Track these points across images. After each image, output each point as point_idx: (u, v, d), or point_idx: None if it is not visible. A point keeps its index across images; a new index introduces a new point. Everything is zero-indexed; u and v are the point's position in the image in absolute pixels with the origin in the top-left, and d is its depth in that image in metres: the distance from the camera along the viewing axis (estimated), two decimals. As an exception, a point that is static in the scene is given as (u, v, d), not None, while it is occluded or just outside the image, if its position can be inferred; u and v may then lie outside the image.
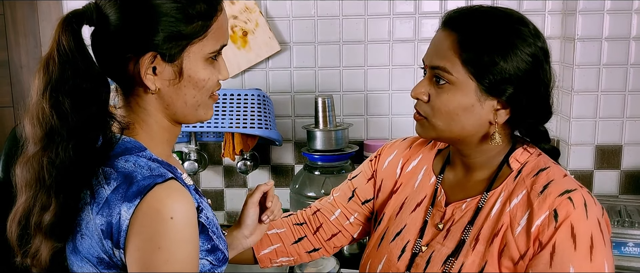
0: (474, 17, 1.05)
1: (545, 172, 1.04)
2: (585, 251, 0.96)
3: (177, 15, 0.92)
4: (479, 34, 1.02)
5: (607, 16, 1.93)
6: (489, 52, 1.01)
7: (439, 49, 1.05)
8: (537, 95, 1.05)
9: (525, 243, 0.99)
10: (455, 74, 1.03)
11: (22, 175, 0.93)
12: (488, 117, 1.05)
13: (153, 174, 0.89)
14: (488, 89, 1.02)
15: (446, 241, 1.09)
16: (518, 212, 1.02)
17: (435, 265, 1.08)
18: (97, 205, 0.89)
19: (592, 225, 0.97)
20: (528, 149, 1.10)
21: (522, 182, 1.05)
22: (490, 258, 1.02)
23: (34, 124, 0.91)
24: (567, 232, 0.96)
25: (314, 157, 2.02)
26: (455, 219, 1.10)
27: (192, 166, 2.13)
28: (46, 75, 0.90)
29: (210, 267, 0.97)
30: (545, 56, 1.05)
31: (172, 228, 0.85)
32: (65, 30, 0.89)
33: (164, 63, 0.93)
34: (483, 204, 1.07)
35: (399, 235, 1.17)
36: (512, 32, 1.03)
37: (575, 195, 0.99)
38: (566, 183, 1.01)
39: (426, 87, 1.07)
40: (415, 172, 1.23)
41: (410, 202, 1.20)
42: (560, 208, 0.98)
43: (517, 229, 1.01)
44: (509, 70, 1.01)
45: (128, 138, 0.96)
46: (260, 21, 2.08)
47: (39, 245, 0.94)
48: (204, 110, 1.00)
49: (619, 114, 2.00)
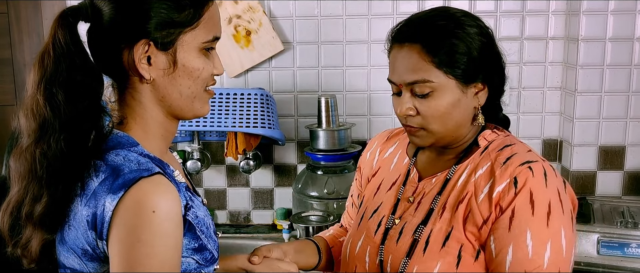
0: (423, 24, 1.12)
1: (510, 147, 1.11)
2: (542, 216, 1.02)
3: (169, 3, 0.94)
4: (438, 35, 1.09)
5: (610, 17, 1.93)
6: (452, 46, 1.08)
7: (408, 65, 1.10)
8: (502, 69, 1.15)
9: (488, 209, 1.05)
10: (435, 79, 1.08)
11: (16, 167, 0.94)
12: (473, 103, 1.13)
13: (140, 168, 0.90)
14: (465, 78, 1.09)
15: (417, 212, 1.15)
16: (482, 181, 1.09)
17: (407, 235, 1.13)
18: (85, 197, 0.90)
19: (550, 193, 1.03)
20: (496, 131, 1.17)
21: (487, 156, 1.12)
22: (456, 224, 1.08)
23: (28, 116, 0.92)
24: (526, 197, 1.02)
25: (317, 156, 2.02)
26: (425, 192, 1.17)
27: (195, 165, 2.13)
28: (41, 69, 0.91)
29: (196, 266, 0.97)
30: (485, 31, 1.13)
31: (153, 222, 0.86)
32: (61, 25, 0.91)
33: (157, 51, 0.94)
34: (451, 176, 1.14)
35: (375, 212, 1.23)
36: (457, 22, 1.10)
37: (536, 165, 1.05)
38: (528, 156, 1.08)
39: (409, 103, 1.12)
40: (391, 157, 1.31)
41: (386, 182, 1.27)
42: (520, 176, 1.04)
43: (480, 196, 1.07)
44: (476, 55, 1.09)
45: (122, 133, 0.97)
46: (264, 21, 2.08)
47: (29, 236, 0.95)
48: (200, 104, 1.01)
49: (622, 115, 2.00)
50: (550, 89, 2.12)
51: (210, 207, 2.28)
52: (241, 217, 2.30)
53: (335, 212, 1.99)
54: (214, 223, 1.05)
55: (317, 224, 1.88)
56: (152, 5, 0.93)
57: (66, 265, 0.95)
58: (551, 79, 2.11)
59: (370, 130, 2.18)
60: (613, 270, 1.66)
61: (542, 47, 2.08)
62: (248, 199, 2.28)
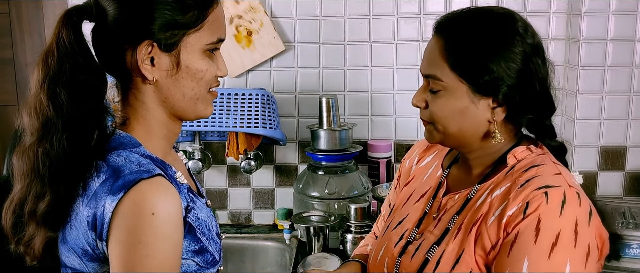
0: (461, 21, 1.06)
1: (536, 168, 1.02)
2: (545, 246, 0.92)
3: (174, 4, 0.93)
4: (464, 36, 1.03)
5: (612, 17, 1.93)
6: (474, 53, 1.02)
7: (430, 57, 1.07)
8: (532, 90, 1.04)
9: (496, 233, 0.98)
10: (445, 79, 1.04)
11: (19, 165, 0.94)
12: (485, 116, 1.05)
13: (141, 170, 0.90)
14: (479, 89, 1.03)
15: (435, 230, 1.11)
16: (496, 202, 1.01)
17: (422, 252, 1.09)
18: (86, 197, 0.90)
19: (563, 223, 0.93)
20: (531, 148, 1.08)
21: (510, 176, 1.04)
22: (467, 247, 1.02)
23: (31, 115, 0.92)
24: (532, 224, 0.94)
25: (318, 156, 2.02)
26: (447, 209, 1.12)
27: (196, 165, 2.13)
28: (45, 68, 0.92)
29: (196, 268, 0.97)
30: (535, 51, 1.04)
31: (152, 224, 0.86)
32: (65, 24, 0.91)
33: (161, 52, 0.94)
34: (472, 195, 1.08)
35: (400, 223, 1.20)
36: (498, 32, 1.03)
37: (554, 191, 0.96)
38: (550, 180, 0.98)
39: (423, 95, 1.10)
40: (427, 167, 1.27)
41: (416, 193, 1.23)
42: (533, 201, 0.95)
43: (490, 219, 1.00)
44: (497, 70, 1.01)
45: (124, 133, 0.97)
46: (265, 21, 2.08)
47: (32, 234, 0.95)
48: (203, 105, 1.01)
49: (623, 115, 2.00)
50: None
51: (212, 207, 2.28)
52: (242, 217, 2.30)
53: (336, 212, 1.99)
54: (217, 225, 1.04)
55: (318, 224, 1.89)
56: (157, 6, 0.93)
57: (67, 264, 0.96)
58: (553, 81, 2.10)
59: (371, 130, 2.18)
60: (614, 271, 1.66)
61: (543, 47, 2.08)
62: (249, 199, 2.28)
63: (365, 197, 2.01)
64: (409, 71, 2.10)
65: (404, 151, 2.18)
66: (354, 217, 1.89)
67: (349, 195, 2.02)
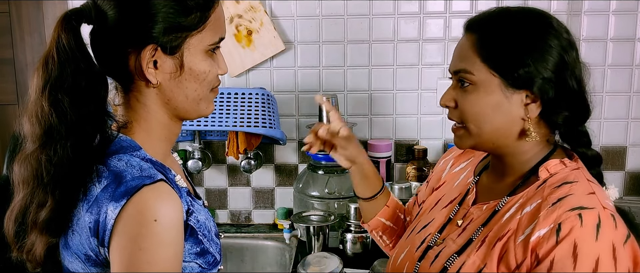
0: (494, 16, 1.05)
1: (569, 186, 0.97)
2: None
3: (176, 7, 0.92)
4: (497, 30, 1.02)
5: (612, 17, 1.93)
6: (508, 45, 1.00)
7: (460, 53, 1.05)
8: (567, 87, 1.00)
9: (523, 253, 0.94)
10: (476, 73, 1.01)
11: (20, 172, 0.93)
12: (519, 113, 1.02)
13: (142, 175, 0.89)
14: (512, 82, 1.00)
15: (458, 238, 1.08)
16: (526, 220, 0.96)
17: (441, 260, 1.07)
18: (88, 203, 0.89)
19: (601, 248, 0.88)
20: (565, 162, 1.03)
21: (541, 191, 0.99)
22: (490, 262, 0.98)
23: (33, 122, 0.91)
24: (568, 249, 0.89)
25: (318, 156, 2.02)
26: (473, 219, 1.09)
27: (195, 165, 2.13)
28: (45, 74, 0.90)
29: (199, 270, 0.97)
30: (571, 46, 1.02)
31: (155, 231, 0.85)
32: (64, 28, 0.90)
33: (164, 56, 0.93)
34: (500, 208, 1.04)
35: (425, 227, 1.19)
36: (533, 25, 1.01)
37: (589, 213, 0.90)
38: (584, 200, 0.93)
39: (452, 94, 1.06)
40: (459, 173, 1.25)
41: (445, 198, 1.21)
42: (566, 223, 0.90)
43: (520, 237, 0.96)
44: (531, 62, 0.98)
45: (124, 136, 0.96)
46: (265, 20, 2.08)
47: (34, 241, 0.94)
48: (205, 105, 1.00)
49: (623, 115, 2.00)
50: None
51: (211, 206, 2.28)
52: (242, 217, 2.30)
53: (336, 211, 1.99)
54: (216, 226, 1.04)
55: (318, 224, 1.89)
56: (159, 9, 0.91)
57: (70, 269, 0.95)
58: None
59: (371, 130, 2.18)
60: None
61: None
62: (249, 199, 2.28)
63: (365, 197, 2.00)
64: (409, 71, 2.10)
65: (404, 151, 2.18)
66: (354, 216, 1.89)
67: (348, 194, 2.02)
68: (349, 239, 1.88)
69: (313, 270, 1.71)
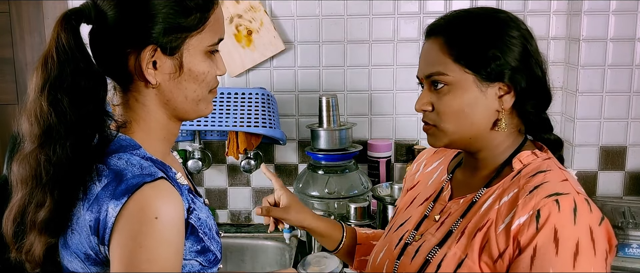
0: (456, 18, 1.09)
1: (543, 174, 1.02)
2: (568, 257, 0.92)
3: (176, 8, 0.92)
4: (463, 29, 1.06)
5: (612, 17, 1.93)
6: (476, 41, 1.04)
7: (429, 57, 1.08)
8: (535, 74, 1.06)
9: (505, 242, 0.97)
10: (451, 73, 1.04)
11: (19, 172, 0.93)
12: (494, 106, 1.05)
13: (143, 173, 0.89)
14: (485, 76, 1.03)
15: (437, 232, 1.10)
16: (505, 210, 1.00)
17: (422, 254, 1.09)
18: (88, 202, 0.89)
19: (579, 231, 0.93)
20: (536, 153, 1.08)
21: (517, 181, 1.03)
22: (471, 252, 1.01)
23: (32, 122, 0.91)
24: (549, 235, 0.93)
25: (318, 156, 2.02)
26: (451, 212, 1.11)
27: (195, 165, 2.13)
28: (45, 73, 0.90)
29: (200, 268, 0.97)
30: (531, 36, 1.08)
31: (155, 228, 0.85)
32: (64, 28, 0.89)
33: (164, 56, 0.93)
34: (477, 199, 1.07)
35: (402, 225, 1.21)
36: (493, 21, 1.06)
37: (565, 198, 0.95)
38: (559, 187, 0.98)
39: (427, 97, 1.08)
40: (433, 172, 1.27)
41: (420, 197, 1.24)
42: (544, 209, 0.94)
43: (500, 226, 0.99)
44: (500, 54, 1.03)
45: (123, 135, 0.96)
46: (265, 20, 2.08)
47: (33, 241, 0.94)
48: (204, 105, 1.01)
49: (623, 115, 2.00)
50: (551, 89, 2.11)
51: (212, 206, 2.28)
52: (242, 217, 2.30)
53: (336, 211, 1.99)
54: (216, 224, 1.04)
55: (318, 224, 1.89)
56: (159, 10, 0.91)
57: (70, 269, 0.95)
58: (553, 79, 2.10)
59: (371, 130, 2.18)
60: (614, 270, 1.66)
61: (544, 47, 2.08)
62: (249, 199, 2.28)
63: (365, 197, 2.01)
64: (409, 71, 2.10)
65: (404, 151, 2.18)
66: (354, 216, 1.89)
67: (348, 194, 2.02)
68: (349, 239, 1.88)
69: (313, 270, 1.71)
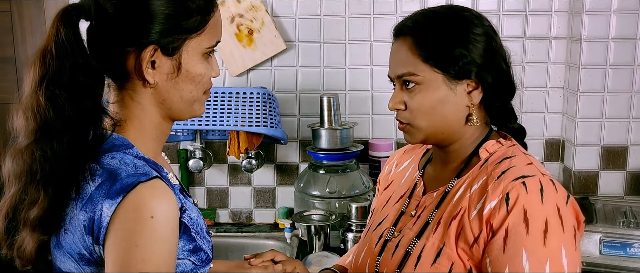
0: (423, 18, 1.12)
1: (509, 160, 1.07)
2: (538, 235, 0.96)
3: (177, 9, 0.93)
4: (430, 29, 1.09)
5: (613, 16, 1.93)
6: (443, 41, 1.07)
7: (399, 58, 1.11)
8: (500, 68, 1.10)
9: (478, 227, 1.01)
10: (421, 73, 1.07)
11: (12, 167, 0.92)
12: (464, 101, 1.09)
13: (137, 172, 0.89)
14: (454, 74, 1.07)
15: (415, 226, 1.13)
16: (475, 196, 1.04)
17: (402, 248, 1.12)
18: (81, 201, 0.89)
19: (547, 210, 0.97)
20: (500, 141, 1.12)
21: (485, 169, 1.08)
22: (448, 240, 1.05)
23: (28, 117, 0.90)
24: (519, 216, 0.97)
25: (319, 155, 2.02)
26: (426, 206, 1.14)
27: (197, 164, 2.13)
28: (43, 68, 0.89)
29: (192, 267, 0.97)
30: (494, 32, 1.11)
31: (151, 227, 0.85)
32: (64, 22, 0.89)
33: (163, 57, 0.93)
34: (449, 190, 1.11)
35: (380, 224, 1.23)
36: (458, 19, 1.09)
37: (531, 180, 1.00)
38: (525, 170, 1.03)
39: (400, 96, 1.13)
40: (405, 170, 1.30)
41: (395, 195, 1.26)
42: (512, 192, 0.99)
43: (473, 213, 1.03)
44: (466, 52, 1.06)
45: (116, 134, 0.96)
46: (266, 20, 2.08)
47: (24, 238, 0.93)
48: (198, 106, 1.01)
49: (625, 115, 2.00)
50: (552, 89, 2.11)
51: (212, 206, 2.29)
52: (243, 216, 2.30)
53: (337, 211, 1.99)
54: (206, 224, 1.04)
55: (319, 223, 1.89)
56: (161, 10, 0.92)
57: (63, 269, 0.94)
58: (554, 79, 2.11)
59: (372, 129, 2.18)
60: (615, 270, 1.66)
61: (545, 46, 2.08)
62: (250, 198, 2.28)
63: (366, 196, 2.01)
64: (410, 70, 2.10)
65: (405, 150, 2.18)
66: (355, 215, 1.89)
67: (349, 194, 2.02)
68: (350, 238, 1.88)
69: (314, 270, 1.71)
